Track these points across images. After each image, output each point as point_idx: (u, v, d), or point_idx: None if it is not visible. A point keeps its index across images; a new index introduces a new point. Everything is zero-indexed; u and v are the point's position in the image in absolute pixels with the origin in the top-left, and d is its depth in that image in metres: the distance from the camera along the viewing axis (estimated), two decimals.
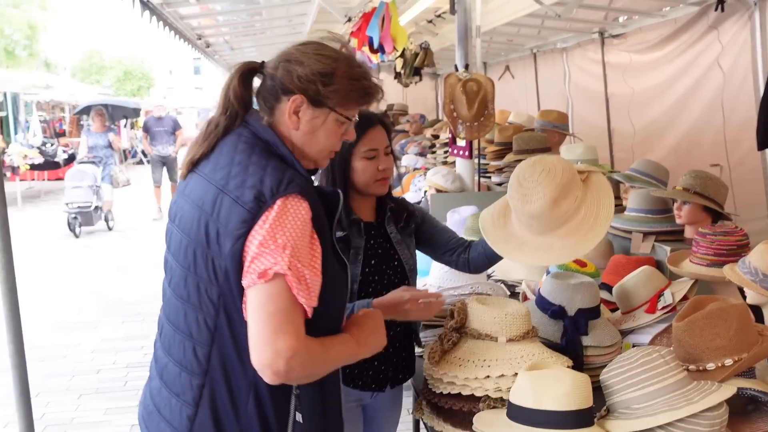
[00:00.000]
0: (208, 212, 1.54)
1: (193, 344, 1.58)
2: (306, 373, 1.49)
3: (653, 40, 5.71)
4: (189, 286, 1.59)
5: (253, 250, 1.45)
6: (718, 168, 4.79)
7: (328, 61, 1.61)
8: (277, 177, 1.50)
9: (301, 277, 1.45)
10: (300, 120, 1.62)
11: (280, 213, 1.46)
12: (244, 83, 1.67)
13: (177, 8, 5.05)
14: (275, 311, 1.43)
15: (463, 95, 4.08)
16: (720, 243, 2.47)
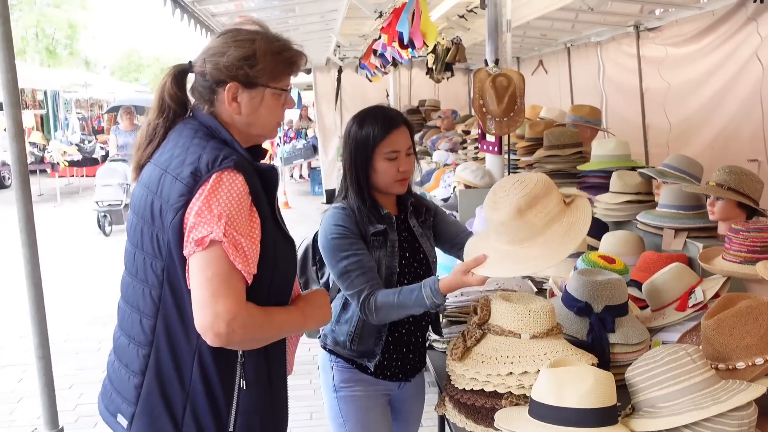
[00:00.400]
0: (153, 191, 1.64)
1: (140, 316, 1.68)
2: (248, 337, 1.57)
3: (690, 33, 5.58)
4: (137, 262, 1.69)
5: (191, 220, 1.55)
6: (756, 163, 4.68)
7: (247, 45, 1.70)
8: (214, 154, 1.60)
9: (237, 245, 1.54)
10: (240, 104, 1.71)
11: (215, 185, 1.56)
12: (177, 84, 1.77)
13: (208, 5, 5.10)
14: (213, 276, 1.52)
15: (493, 90, 4.04)
16: (753, 239, 2.40)
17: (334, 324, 2.34)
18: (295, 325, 1.79)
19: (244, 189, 1.59)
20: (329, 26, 7.40)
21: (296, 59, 1.79)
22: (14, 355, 5.50)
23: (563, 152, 4.22)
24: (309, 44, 8.98)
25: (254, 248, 1.59)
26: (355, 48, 9.33)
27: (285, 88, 1.78)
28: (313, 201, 13.51)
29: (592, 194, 3.71)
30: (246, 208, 1.59)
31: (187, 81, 1.80)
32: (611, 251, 2.97)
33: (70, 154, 14.92)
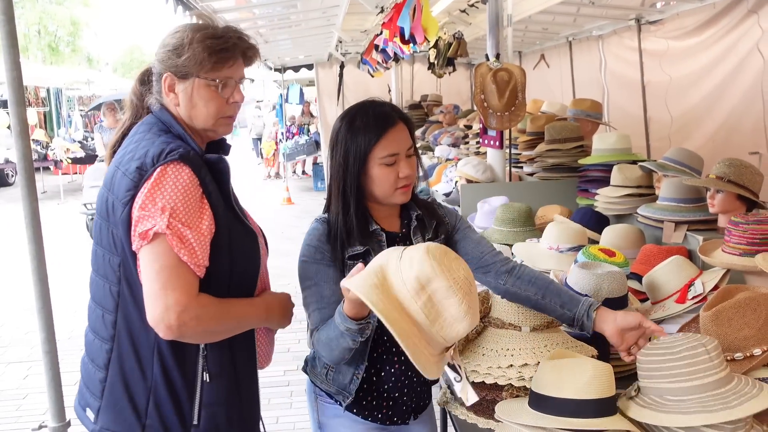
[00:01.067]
0: (108, 187, 1.66)
1: (103, 312, 1.70)
2: (202, 329, 1.58)
3: (691, 26, 5.58)
4: (98, 258, 1.72)
5: (136, 214, 1.56)
6: (757, 156, 4.68)
7: (178, 35, 1.71)
8: (160, 148, 1.61)
9: (182, 237, 1.55)
10: (177, 96, 1.72)
11: (158, 178, 1.57)
12: (140, 81, 1.83)
13: (209, 2, 5.11)
14: (160, 269, 1.53)
15: (494, 85, 4.05)
16: (753, 232, 2.41)
17: (313, 353, 2.06)
18: (257, 317, 1.79)
19: (192, 181, 1.60)
20: (331, 22, 7.40)
21: (227, 46, 1.71)
22: (20, 352, 5.54)
23: (564, 146, 4.23)
24: (311, 40, 8.99)
25: (202, 240, 1.59)
26: (357, 43, 9.34)
27: (216, 78, 1.70)
28: (315, 197, 13.53)
29: (593, 188, 3.73)
30: (194, 199, 1.60)
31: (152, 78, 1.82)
32: (612, 244, 2.98)
33: (73, 151, 14.97)
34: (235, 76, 1.75)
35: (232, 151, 1.94)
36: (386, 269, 1.55)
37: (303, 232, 1.96)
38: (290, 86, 15.31)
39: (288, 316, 1.91)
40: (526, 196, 4.03)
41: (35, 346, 5.45)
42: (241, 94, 1.78)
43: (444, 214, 2.09)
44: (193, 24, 1.75)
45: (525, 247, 3.17)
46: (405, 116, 1.98)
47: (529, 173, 4.63)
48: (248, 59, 1.79)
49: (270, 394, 4.58)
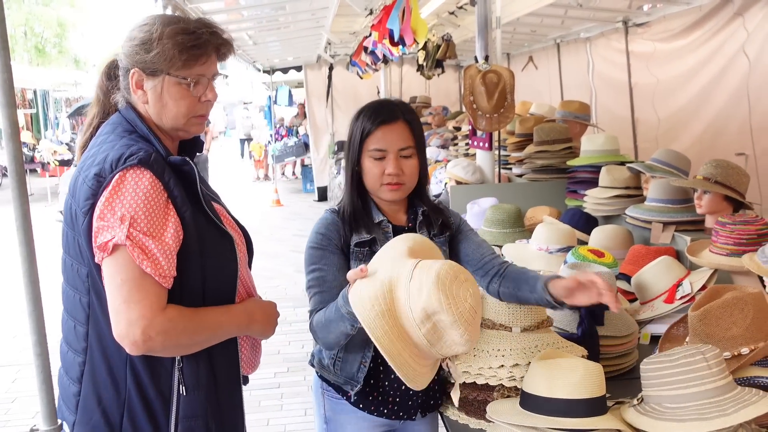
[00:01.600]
0: (72, 194, 1.57)
1: (74, 323, 1.63)
2: (170, 343, 1.51)
3: (678, 28, 5.63)
4: (67, 267, 1.64)
5: (95, 225, 1.48)
6: (744, 157, 4.73)
7: (146, 28, 1.60)
8: (120, 152, 1.51)
9: (143, 247, 1.46)
10: (146, 93, 1.62)
11: (117, 186, 1.48)
12: (106, 75, 1.72)
13: (199, 4, 5.10)
14: (123, 282, 1.46)
15: (483, 87, 4.07)
16: (740, 232, 2.44)
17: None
18: (236, 326, 1.69)
19: (154, 186, 1.50)
20: (320, 24, 7.41)
21: (199, 43, 1.61)
22: (8, 355, 5.51)
23: (553, 148, 4.26)
24: (300, 42, 8.99)
25: (167, 249, 1.50)
26: (345, 45, 9.34)
27: (187, 76, 1.61)
28: (304, 198, 13.52)
29: (581, 189, 3.75)
30: (157, 206, 1.50)
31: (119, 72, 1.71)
32: (600, 245, 3.01)
33: (61, 153, 14.87)
34: (208, 74, 1.65)
35: (222, 153, 1.90)
36: (395, 291, 1.55)
37: (292, 234, 1.99)
38: (279, 88, 15.30)
39: (272, 325, 1.79)
40: (516, 197, 4.05)
41: (24, 349, 5.42)
42: (215, 92, 1.69)
43: (450, 215, 2.13)
44: (162, 16, 1.65)
45: (515, 248, 3.19)
46: (410, 117, 2.00)
47: (518, 174, 4.65)
48: (222, 55, 1.69)
49: (260, 397, 4.58)
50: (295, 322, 5.87)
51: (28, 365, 2.14)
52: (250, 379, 1.93)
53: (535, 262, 3.00)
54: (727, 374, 1.64)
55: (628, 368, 2.20)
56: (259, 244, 1.97)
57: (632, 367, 2.20)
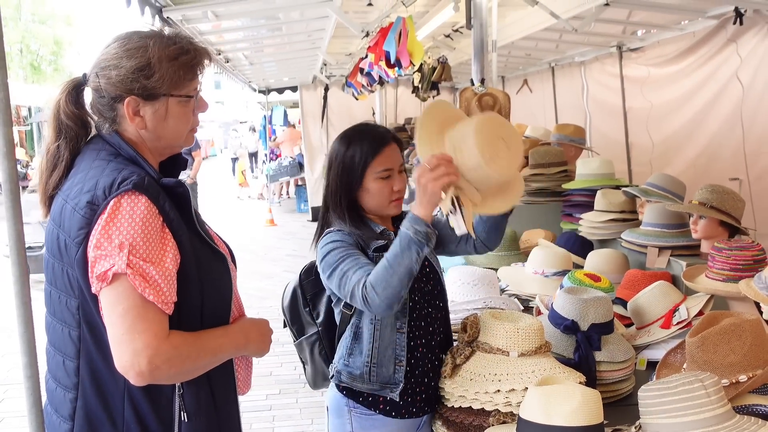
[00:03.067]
0: (57, 224, 1.52)
1: (63, 358, 1.57)
2: (176, 371, 1.47)
3: (671, 54, 5.69)
4: (53, 301, 1.58)
5: (92, 255, 1.43)
6: (738, 182, 4.75)
7: (140, 53, 1.53)
8: (111, 177, 1.47)
9: (145, 275, 1.42)
10: (144, 118, 1.57)
11: (112, 212, 1.43)
12: (73, 101, 1.61)
13: (196, 24, 5.12)
14: (125, 311, 1.41)
15: (479, 109, 4.09)
16: (736, 258, 2.44)
17: (347, 358, 2.07)
18: (234, 346, 1.66)
19: (150, 211, 1.46)
20: (316, 45, 7.44)
21: (197, 61, 1.61)
22: None
23: (548, 171, 4.27)
24: (295, 62, 9.03)
25: (168, 275, 1.46)
26: (341, 66, 9.39)
27: (191, 94, 1.61)
28: (298, 218, 13.50)
29: (577, 212, 3.75)
30: (154, 231, 1.46)
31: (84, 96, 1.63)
32: (596, 269, 3.00)
33: None
34: (199, 87, 1.65)
35: (212, 172, 1.88)
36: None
37: (286, 254, 1.98)
38: (274, 108, 15.34)
39: (267, 343, 1.76)
40: (511, 219, 3.96)
41: (11, 368, 5.35)
42: (206, 102, 1.68)
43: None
44: (151, 36, 1.58)
45: (510, 271, 3.18)
46: (397, 137, 2.18)
47: None
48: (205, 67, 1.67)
49: (251, 419, 4.52)
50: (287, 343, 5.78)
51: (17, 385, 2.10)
52: (242, 401, 1.89)
53: (531, 286, 3.00)
54: (725, 402, 1.63)
55: (626, 394, 2.18)
56: (252, 263, 1.97)
57: (629, 393, 2.18)
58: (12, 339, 6.00)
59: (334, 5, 4.73)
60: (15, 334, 1.66)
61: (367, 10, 5.47)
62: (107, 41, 1.60)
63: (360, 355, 2.05)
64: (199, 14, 4.65)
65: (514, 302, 2.80)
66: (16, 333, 1.60)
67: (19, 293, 1.54)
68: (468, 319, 2.08)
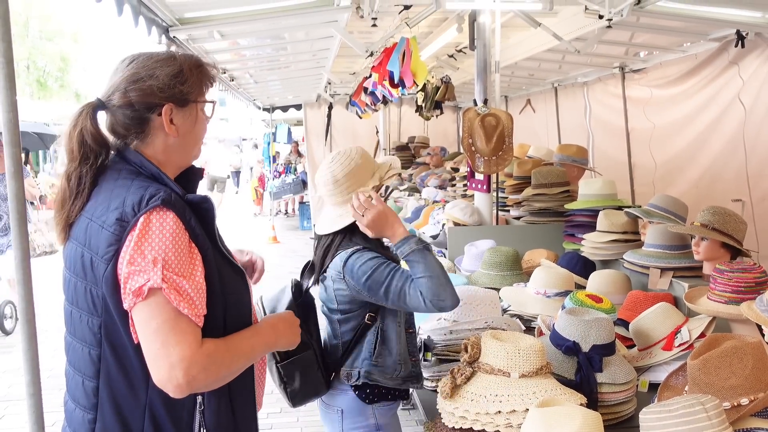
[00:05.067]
0: (82, 242, 1.53)
1: (82, 378, 1.58)
2: (212, 379, 1.49)
3: (674, 75, 5.72)
4: (74, 320, 1.58)
5: (125, 270, 1.44)
6: (740, 203, 4.76)
7: (172, 62, 1.63)
8: (139, 194, 1.49)
9: (179, 289, 1.45)
10: (177, 126, 1.63)
11: (143, 228, 1.45)
12: (95, 124, 1.61)
13: (202, 44, 5.16)
14: (159, 326, 1.43)
15: (482, 129, 4.11)
16: (738, 280, 2.44)
17: (375, 359, 2.31)
18: (265, 343, 1.70)
19: (178, 226, 1.49)
20: (321, 64, 7.49)
21: (213, 70, 1.74)
22: None
23: (551, 191, 4.28)
24: (300, 81, 9.08)
25: (199, 288, 1.49)
26: (345, 85, 9.44)
27: (211, 100, 1.72)
28: (301, 236, 13.51)
29: (579, 233, 3.76)
30: (183, 246, 1.49)
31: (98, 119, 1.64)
32: (598, 290, 3.01)
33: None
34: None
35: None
36: None
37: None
38: (278, 126, 15.40)
39: (296, 332, 1.79)
40: (513, 239, 4.06)
41: (12, 385, 5.35)
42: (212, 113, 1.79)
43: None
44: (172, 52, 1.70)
45: (512, 291, 3.19)
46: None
47: (515, 217, 4.67)
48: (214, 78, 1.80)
49: None
50: None
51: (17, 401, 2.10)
52: None
53: (533, 306, 3.00)
54: (727, 425, 1.63)
55: (627, 416, 2.18)
56: None
57: (631, 415, 2.18)
58: (12, 355, 6.00)
59: (339, 26, 4.77)
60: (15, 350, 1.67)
61: (371, 31, 5.51)
62: (119, 65, 1.64)
63: (390, 355, 2.33)
64: (205, 34, 4.69)
65: (516, 322, 2.80)
66: (17, 349, 1.61)
67: (24, 310, 1.55)
68: (469, 339, 2.09)
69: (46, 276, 9.82)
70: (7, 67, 1.46)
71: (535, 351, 2.00)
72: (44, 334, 6.16)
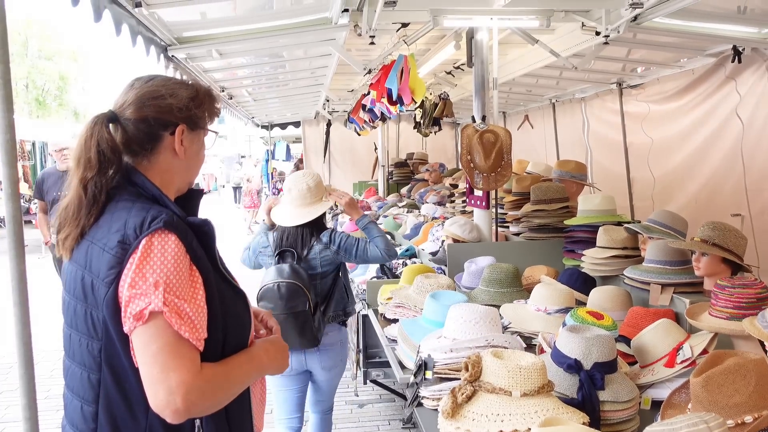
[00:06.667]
0: (83, 265, 1.52)
1: (81, 403, 1.56)
2: (211, 403, 1.47)
3: (671, 91, 5.74)
4: (73, 344, 1.57)
5: (126, 294, 1.43)
6: (740, 218, 4.75)
7: (190, 87, 1.69)
8: (140, 217, 1.49)
9: (180, 312, 1.43)
10: (185, 147, 1.66)
11: (145, 251, 1.45)
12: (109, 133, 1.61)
13: (201, 62, 5.18)
14: (158, 350, 1.41)
15: (480, 146, 4.11)
16: (739, 296, 2.43)
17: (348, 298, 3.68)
18: (258, 369, 1.68)
19: (179, 249, 1.48)
20: (319, 81, 7.51)
21: (220, 104, 1.81)
22: None
23: (550, 207, 4.28)
24: (299, 98, 9.10)
25: (200, 311, 1.48)
26: (344, 102, 9.46)
27: (214, 129, 1.79)
28: None
29: (579, 249, 3.75)
30: (185, 269, 1.48)
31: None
32: (599, 306, 2.99)
33: None
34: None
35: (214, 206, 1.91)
36: None
37: None
38: (277, 143, 15.42)
39: (285, 357, 1.78)
40: (513, 256, 4.05)
41: (9, 406, 5.30)
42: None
43: None
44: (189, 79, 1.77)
45: (513, 308, 3.17)
46: None
47: (515, 233, 4.66)
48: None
49: None
50: None
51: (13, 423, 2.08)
52: None
53: (533, 323, 2.98)
54: None
55: None
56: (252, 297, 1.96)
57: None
58: (10, 376, 5.95)
59: (337, 44, 4.78)
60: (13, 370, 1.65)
61: (369, 48, 5.52)
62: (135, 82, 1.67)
63: (350, 295, 3.73)
64: (204, 52, 4.70)
65: (517, 340, 2.78)
66: (14, 371, 1.60)
67: (21, 333, 1.53)
68: (470, 358, 2.07)
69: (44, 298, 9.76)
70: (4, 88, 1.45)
71: (536, 369, 1.98)
72: (41, 354, 6.12)
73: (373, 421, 4.92)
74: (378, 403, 5.25)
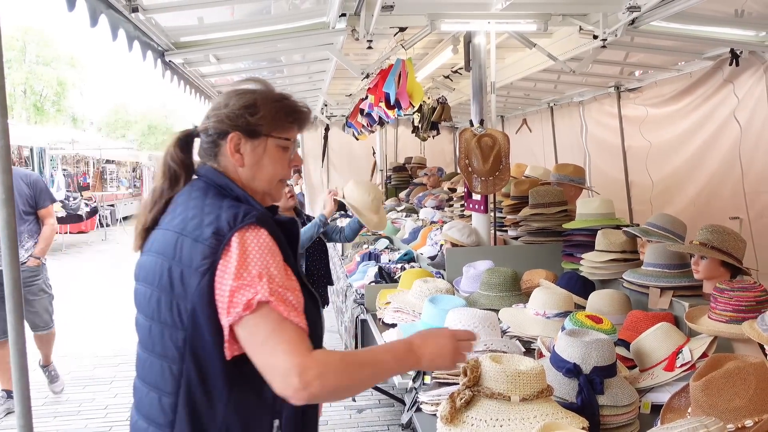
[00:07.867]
0: (170, 257, 1.56)
1: (159, 395, 1.57)
2: (331, 385, 1.44)
3: (669, 94, 5.74)
4: (153, 335, 1.59)
5: (230, 285, 1.46)
6: (738, 221, 4.75)
7: (248, 94, 1.70)
8: (233, 212, 1.54)
9: (285, 300, 1.48)
10: (243, 155, 1.68)
11: (242, 244, 1.49)
12: (182, 148, 1.74)
13: (198, 67, 5.18)
14: (267, 337, 1.44)
15: (478, 150, 4.11)
16: (738, 299, 2.42)
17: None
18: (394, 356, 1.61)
19: (272, 242, 1.53)
20: (317, 86, 7.52)
21: (299, 108, 1.75)
22: None
23: (548, 211, 4.27)
24: None
25: (300, 298, 1.53)
26: (342, 107, 9.47)
27: (289, 138, 1.74)
28: None
29: (577, 252, 3.74)
30: (280, 261, 1.53)
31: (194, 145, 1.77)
32: (598, 310, 2.98)
33: (55, 211, 14.85)
34: (295, 140, 1.78)
35: None
36: None
37: None
38: None
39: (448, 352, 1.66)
40: (511, 259, 4.04)
41: (6, 429, 5.28)
42: (300, 159, 1.81)
43: None
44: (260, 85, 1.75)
45: (512, 312, 3.16)
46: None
47: (513, 237, 4.65)
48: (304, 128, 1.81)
49: None
50: None
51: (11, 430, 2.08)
52: None
53: (532, 328, 2.97)
54: None
55: None
56: None
57: None
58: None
59: (335, 48, 4.78)
60: None
61: (367, 53, 5.52)
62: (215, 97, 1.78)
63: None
64: (201, 57, 4.70)
65: (516, 344, 2.77)
66: None
67: (16, 341, 1.52)
68: (469, 363, 2.06)
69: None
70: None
71: (535, 374, 1.97)
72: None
73: (372, 426, 4.90)
74: (377, 408, 5.23)
